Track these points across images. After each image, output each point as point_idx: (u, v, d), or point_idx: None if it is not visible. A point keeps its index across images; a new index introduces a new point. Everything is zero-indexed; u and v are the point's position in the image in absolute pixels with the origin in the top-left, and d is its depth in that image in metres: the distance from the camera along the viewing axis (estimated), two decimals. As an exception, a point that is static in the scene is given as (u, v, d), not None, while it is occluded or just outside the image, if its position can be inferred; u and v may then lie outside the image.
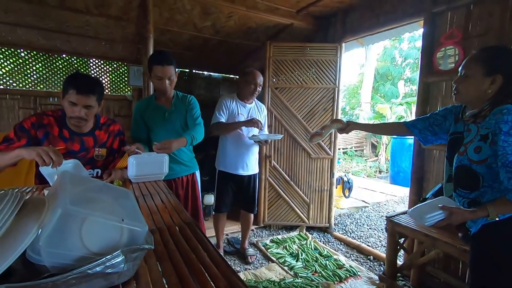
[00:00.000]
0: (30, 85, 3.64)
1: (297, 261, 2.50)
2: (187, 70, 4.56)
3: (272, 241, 2.89)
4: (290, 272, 2.33)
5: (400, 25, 2.52)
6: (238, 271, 2.37)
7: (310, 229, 3.22)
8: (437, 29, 2.18)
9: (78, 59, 3.85)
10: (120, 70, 4.13)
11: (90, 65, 3.94)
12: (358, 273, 2.34)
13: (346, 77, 15.98)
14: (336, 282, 2.21)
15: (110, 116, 3.95)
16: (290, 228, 3.24)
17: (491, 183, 1.06)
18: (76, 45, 3.46)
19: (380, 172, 7.60)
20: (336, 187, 3.33)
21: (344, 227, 3.43)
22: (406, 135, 1.59)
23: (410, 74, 12.55)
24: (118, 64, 4.09)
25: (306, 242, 2.86)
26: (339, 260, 2.52)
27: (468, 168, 1.10)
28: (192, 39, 3.42)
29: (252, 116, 2.35)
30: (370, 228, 3.47)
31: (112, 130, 1.55)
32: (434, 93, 2.22)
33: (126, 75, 4.09)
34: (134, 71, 3.84)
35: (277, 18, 2.97)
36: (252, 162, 2.42)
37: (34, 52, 3.59)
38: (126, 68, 4.07)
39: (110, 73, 4.09)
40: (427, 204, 1.17)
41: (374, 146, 9.60)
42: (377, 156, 8.68)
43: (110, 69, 4.08)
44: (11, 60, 3.51)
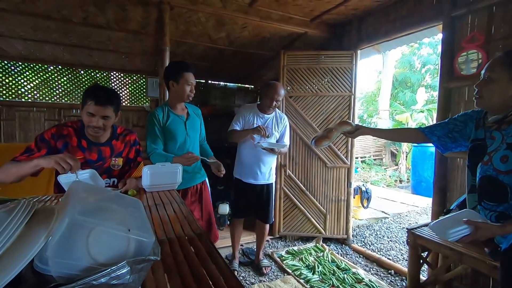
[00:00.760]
0: (55, 98, 3.83)
1: (313, 274, 2.42)
2: (203, 81, 4.65)
3: (287, 252, 2.82)
4: (306, 285, 2.26)
5: (417, 30, 2.46)
6: (252, 283, 2.32)
7: (327, 240, 3.12)
8: (457, 33, 2.11)
9: (100, 72, 4.02)
10: (138, 82, 4.28)
11: (111, 77, 4.10)
12: (379, 288, 2.24)
13: (363, 84, 15.77)
14: (355, 297, 2.12)
15: (129, 126, 4.07)
16: (306, 239, 3.16)
17: None
18: (98, 59, 3.63)
19: (400, 181, 7.33)
20: (353, 197, 3.23)
21: (363, 239, 3.30)
22: (423, 143, 1.48)
23: (430, 80, 12.18)
24: (137, 76, 4.24)
25: (323, 254, 2.77)
26: (358, 273, 2.42)
27: (494, 179, 1.03)
28: (207, 50, 3.49)
29: (268, 126, 2.34)
30: (390, 240, 3.32)
31: (128, 140, 1.58)
32: (456, 99, 2.12)
33: (144, 87, 4.23)
34: (152, 83, 3.96)
35: (290, 27, 2.99)
36: (264, 172, 2.38)
37: (60, 66, 3.79)
38: (144, 80, 4.21)
39: (129, 85, 4.24)
40: (451, 217, 1.09)
41: (394, 155, 9.31)
42: (397, 165, 8.40)
43: (130, 81, 4.23)
44: (39, 75, 3.72)
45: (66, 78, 3.86)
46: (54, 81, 3.80)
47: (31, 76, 3.68)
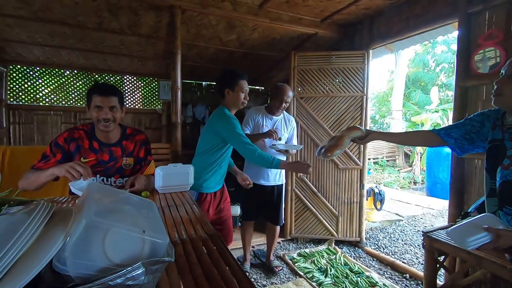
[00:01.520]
0: (71, 102, 3.95)
1: (326, 276, 2.39)
2: (214, 83, 4.68)
3: (299, 254, 2.80)
4: (318, 288, 2.23)
5: (431, 28, 2.40)
6: (264, 285, 2.31)
7: (339, 243, 3.08)
8: (473, 30, 2.05)
9: (114, 76, 4.11)
10: (151, 85, 4.36)
11: (124, 81, 4.19)
12: (393, 292, 2.19)
13: (375, 84, 15.52)
14: (368, 301, 2.08)
15: (142, 128, 4.15)
16: (318, 241, 3.13)
17: None
18: (111, 63, 3.71)
19: (415, 183, 7.17)
20: (366, 199, 3.18)
21: (376, 242, 3.24)
22: (437, 146, 1.40)
23: (445, 79, 11.88)
24: (149, 79, 4.32)
25: (335, 256, 2.73)
26: (372, 277, 2.37)
27: None
28: (218, 53, 3.52)
29: (277, 128, 2.38)
30: (405, 243, 3.25)
31: (138, 139, 1.60)
32: (473, 98, 2.06)
33: (156, 90, 4.30)
34: (164, 86, 4.02)
35: (301, 28, 2.97)
36: (274, 173, 2.39)
37: (75, 71, 3.90)
38: (156, 83, 4.28)
39: (142, 88, 4.32)
40: (469, 223, 1.04)
41: (408, 156, 9.11)
42: (411, 166, 8.21)
43: (142, 84, 4.32)
44: (56, 79, 3.84)
45: (81, 82, 3.97)
46: (70, 85, 3.92)
47: (48, 80, 3.81)
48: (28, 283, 0.48)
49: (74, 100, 3.95)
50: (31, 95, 3.69)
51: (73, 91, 3.94)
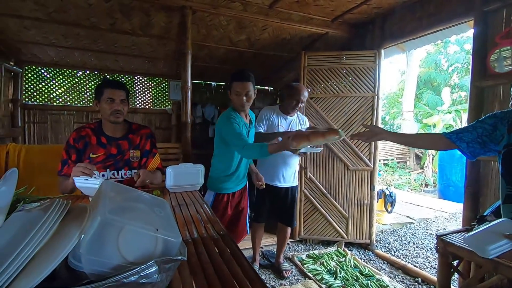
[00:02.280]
0: (83, 101, 4.02)
1: (335, 279, 2.36)
2: (223, 83, 4.70)
3: (308, 256, 2.78)
4: (328, 290, 2.21)
5: (445, 27, 2.35)
6: (273, 286, 2.30)
7: (349, 245, 3.04)
8: (490, 28, 1.99)
9: (125, 77, 4.17)
10: (161, 85, 4.40)
11: (135, 81, 4.24)
12: (405, 296, 2.14)
13: (386, 84, 15.30)
14: (379, 305, 2.04)
15: (152, 128, 4.19)
16: (327, 243, 3.10)
17: None
18: (123, 63, 3.76)
19: (426, 185, 7.03)
20: (377, 201, 3.13)
21: (387, 245, 3.19)
22: (446, 149, 1.36)
23: (458, 79, 11.62)
24: (159, 79, 4.36)
25: (345, 259, 2.70)
26: (383, 280, 2.33)
27: None
28: (227, 53, 3.53)
29: (292, 128, 2.34)
30: (417, 246, 3.18)
31: (143, 133, 1.69)
32: (490, 98, 2.00)
33: (166, 90, 4.34)
34: (174, 86, 4.06)
35: (311, 28, 2.95)
36: (289, 174, 2.36)
37: (88, 72, 3.97)
38: (167, 83, 4.32)
39: (152, 88, 4.37)
40: (488, 230, 1.00)
41: (419, 158, 8.94)
42: (422, 168, 8.06)
43: (153, 84, 4.36)
44: (69, 79, 3.92)
45: (93, 83, 4.04)
46: (83, 85, 3.99)
47: (62, 81, 3.89)
48: (44, 279, 0.48)
49: (86, 100, 4.02)
50: (45, 95, 3.78)
51: (85, 91, 4.01)
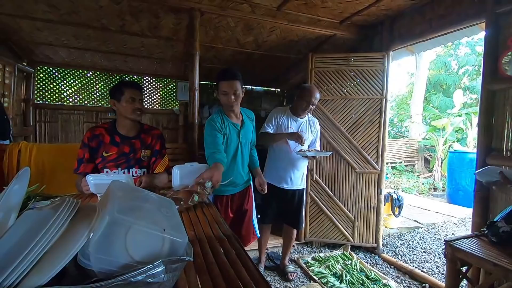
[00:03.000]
0: (93, 101, 4.08)
1: (341, 282, 2.34)
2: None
3: (314, 259, 2.76)
4: (333, 294, 2.19)
5: (456, 29, 2.32)
6: (277, 288, 2.29)
7: (355, 248, 3.01)
8: (502, 31, 1.95)
9: (134, 77, 4.22)
10: (169, 86, 4.44)
11: (144, 82, 4.29)
12: (412, 302, 2.11)
13: (395, 86, 15.14)
14: (385, 310, 2.02)
15: (160, 128, 4.24)
16: (333, 246, 3.07)
17: None
18: (132, 64, 3.82)
19: (435, 189, 6.91)
20: (384, 205, 3.09)
21: (394, 249, 3.15)
22: None
23: (468, 82, 11.43)
24: (167, 80, 4.40)
25: (351, 262, 2.67)
26: (389, 285, 2.30)
27: None
28: (235, 55, 3.54)
29: (302, 131, 2.29)
30: (424, 251, 3.13)
31: (154, 134, 1.75)
32: (501, 101, 1.96)
33: (174, 91, 4.38)
34: (181, 87, 4.09)
35: (319, 30, 2.94)
36: (297, 177, 2.34)
37: (98, 72, 4.03)
38: (174, 84, 4.36)
39: (160, 89, 4.42)
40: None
41: (428, 161, 8.80)
42: (431, 171, 7.93)
43: (161, 85, 4.41)
44: (79, 80, 3.99)
45: (103, 83, 4.10)
46: (92, 85, 4.06)
47: (72, 81, 3.96)
48: (53, 276, 0.49)
49: (96, 100, 4.09)
50: (56, 95, 3.86)
51: (95, 92, 4.08)
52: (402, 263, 2.75)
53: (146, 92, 4.28)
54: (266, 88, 4.94)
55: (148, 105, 4.30)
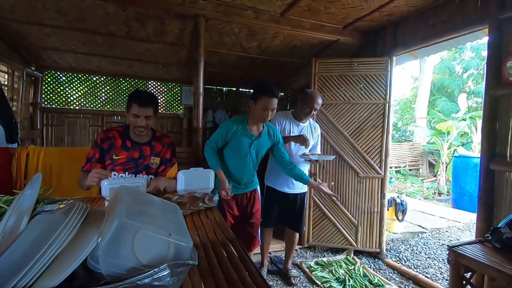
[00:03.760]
0: (99, 105, 4.14)
1: (343, 287, 2.33)
2: (234, 89, 4.76)
3: (317, 263, 2.76)
4: (336, 299, 2.19)
5: (459, 34, 2.32)
6: (280, 293, 2.29)
7: (358, 253, 3.00)
8: (505, 36, 1.96)
9: (139, 82, 4.28)
10: (174, 90, 4.49)
11: (149, 86, 4.35)
12: (415, 308, 2.10)
13: (398, 90, 15.09)
14: (388, 316, 2.01)
15: (164, 132, 4.28)
16: (336, 250, 3.07)
17: None
18: (137, 69, 3.87)
19: (439, 194, 6.86)
20: (387, 209, 3.08)
21: (397, 254, 3.13)
22: None
23: (473, 86, 11.36)
24: (172, 85, 4.45)
25: (354, 267, 2.67)
26: (392, 290, 2.29)
27: None
28: (239, 59, 3.58)
29: (304, 135, 2.31)
30: (428, 257, 3.11)
31: (165, 142, 1.74)
32: (504, 107, 1.96)
33: (179, 95, 4.43)
34: (186, 91, 4.14)
35: (322, 35, 2.96)
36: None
37: (104, 77, 4.10)
38: (179, 88, 4.41)
39: (165, 93, 4.47)
40: None
41: (432, 165, 8.74)
42: (435, 176, 7.88)
43: (165, 89, 4.46)
44: (85, 84, 4.06)
45: (109, 87, 4.16)
46: (99, 90, 4.12)
47: (79, 85, 4.03)
48: (64, 279, 0.51)
49: (102, 104, 4.15)
50: (63, 99, 3.92)
51: (101, 96, 4.14)
52: (405, 269, 2.74)
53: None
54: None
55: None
